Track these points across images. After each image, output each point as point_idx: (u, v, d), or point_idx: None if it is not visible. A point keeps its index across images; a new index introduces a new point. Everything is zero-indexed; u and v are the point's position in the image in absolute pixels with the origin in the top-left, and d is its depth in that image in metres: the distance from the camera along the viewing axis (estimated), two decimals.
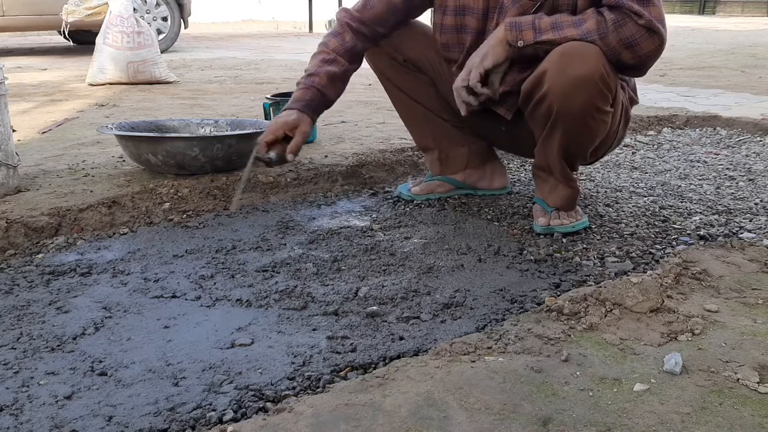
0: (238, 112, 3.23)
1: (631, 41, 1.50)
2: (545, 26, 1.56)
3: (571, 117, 1.57)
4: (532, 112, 1.65)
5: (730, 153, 2.66)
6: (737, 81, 4.54)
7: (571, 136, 1.63)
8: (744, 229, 1.75)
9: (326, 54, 1.84)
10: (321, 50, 1.86)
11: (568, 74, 1.51)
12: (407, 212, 1.95)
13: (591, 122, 1.60)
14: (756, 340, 1.15)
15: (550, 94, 1.55)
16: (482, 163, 2.07)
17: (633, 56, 1.53)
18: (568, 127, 1.60)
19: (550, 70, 1.54)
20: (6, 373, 1.11)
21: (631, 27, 1.49)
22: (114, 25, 4.29)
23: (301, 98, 1.78)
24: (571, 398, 0.98)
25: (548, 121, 1.61)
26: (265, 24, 12.81)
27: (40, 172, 2.17)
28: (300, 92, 1.80)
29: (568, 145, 1.65)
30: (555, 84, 1.53)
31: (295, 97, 1.79)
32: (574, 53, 1.52)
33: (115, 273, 1.54)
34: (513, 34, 1.57)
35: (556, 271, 1.52)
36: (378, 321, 1.29)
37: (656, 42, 1.51)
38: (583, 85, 1.52)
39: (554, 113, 1.58)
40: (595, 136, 1.65)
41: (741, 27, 10.85)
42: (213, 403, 1.02)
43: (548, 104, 1.57)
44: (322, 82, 1.80)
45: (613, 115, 1.66)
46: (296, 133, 1.73)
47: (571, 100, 1.54)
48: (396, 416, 0.93)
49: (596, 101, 1.56)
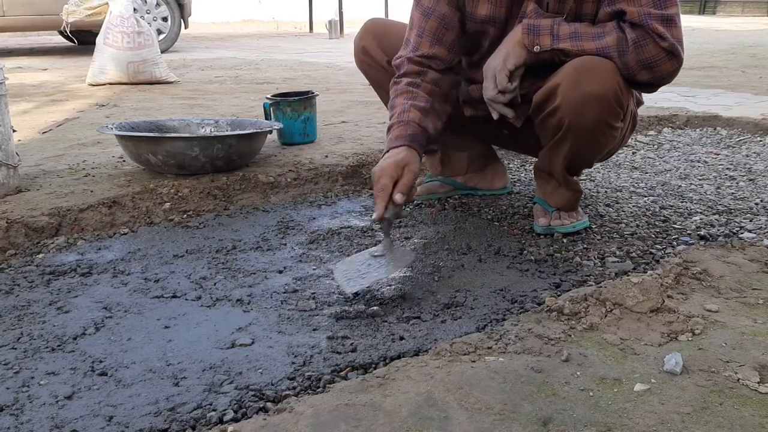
0: (238, 112, 3.23)
1: (651, 63, 1.48)
2: (564, 34, 1.51)
3: (581, 132, 1.56)
4: (542, 122, 1.63)
5: (730, 153, 2.66)
6: (737, 81, 4.53)
7: (580, 148, 1.62)
8: (744, 229, 1.75)
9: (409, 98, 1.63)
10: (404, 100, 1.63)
11: (581, 90, 1.49)
12: (407, 212, 1.95)
13: (601, 137, 1.59)
14: (756, 340, 1.15)
15: (562, 108, 1.53)
16: (483, 167, 2.07)
17: (651, 77, 1.51)
18: (577, 140, 1.59)
19: (563, 84, 1.51)
20: (6, 373, 1.11)
21: (652, 48, 1.46)
22: (114, 26, 4.29)
23: (403, 134, 1.55)
24: (571, 398, 0.98)
25: (558, 133, 1.59)
26: (266, 24, 12.81)
27: (40, 172, 2.17)
28: (399, 129, 1.57)
29: (574, 156, 1.65)
30: (568, 99, 1.51)
31: (396, 136, 1.56)
32: (589, 69, 1.49)
33: (116, 273, 1.54)
34: (530, 39, 1.53)
35: (556, 271, 1.52)
36: (378, 321, 1.29)
37: (675, 65, 1.49)
38: (596, 101, 1.50)
39: (565, 127, 1.56)
40: (604, 148, 1.66)
41: (741, 27, 10.85)
42: (213, 403, 1.02)
43: (559, 117, 1.55)
44: (416, 117, 1.58)
45: (622, 126, 1.65)
46: (405, 172, 1.47)
47: (583, 115, 1.52)
48: (396, 416, 0.93)
49: (608, 118, 1.55)
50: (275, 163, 2.26)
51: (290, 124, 2.52)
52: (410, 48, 1.66)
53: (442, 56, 1.65)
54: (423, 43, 1.64)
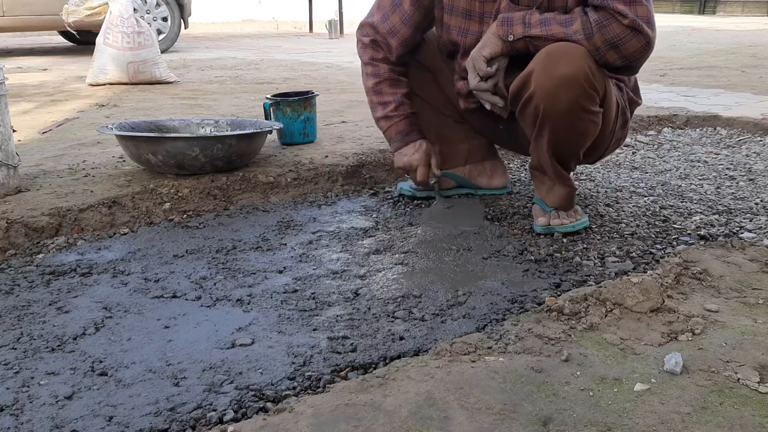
0: (238, 112, 3.23)
1: (616, 41, 1.51)
2: (534, 22, 1.58)
3: (557, 117, 1.58)
4: (521, 112, 1.66)
5: (730, 153, 2.66)
6: (737, 81, 4.53)
7: (560, 135, 1.63)
8: (744, 228, 1.75)
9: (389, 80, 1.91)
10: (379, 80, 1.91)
11: (553, 74, 1.52)
12: (408, 212, 1.96)
13: (578, 122, 1.60)
14: (756, 339, 1.15)
15: (537, 94, 1.56)
16: (482, 159, 2.08)
17: (618, 56, 1.53)
18: (555, 127, 1.60)
19: (536, 70, 1.55)
20: (6, 373, 1.11)
21: (615, 27, 1.50)
22: (114, 26, 4.29)
23: (410, 128, 1.91)
24: (571, 398, 0.98)
25: (536, 120, 1.62)
26: (265, 24, 12.81)
27: (40, 172, 2.17)
28: (405, 123, 1.91)
29: (557, 145, 1.66)
30: (540, 84, 1.54)
31: (406, 130, 1.90)
32: (559, 53, 1.53)
33: (116, 273, 1.54)
34: (504, 29, 1.60)
35: (556, 271, 1.52)
36: (378, 321, 1.29)
37: (642, 41, 1.51)
38: (567, 85, 1.52)
39: (541, 113, 1.59)
40: (585, 136, 1.66)
41: (741, 27, 10.85)
42: (213, 403, 1.02)
43: (535, 104, 1.58)
44: (409, 107, 1.92)
45: (606, 115, 1.65)
46: (434, 155, 1.91)
47: (556, 100, 1.55)
48: (396, 416, 0.93)
49: (582, 101, 1.56)
50: (275, 163, 2.26)
51: (290, 124, 2.52)
52: (382, 26, 1.84)
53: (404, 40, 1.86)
54: (391, 29, 1.84)
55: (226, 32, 11.29)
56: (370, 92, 1.92)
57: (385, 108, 1.90)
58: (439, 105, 2.01)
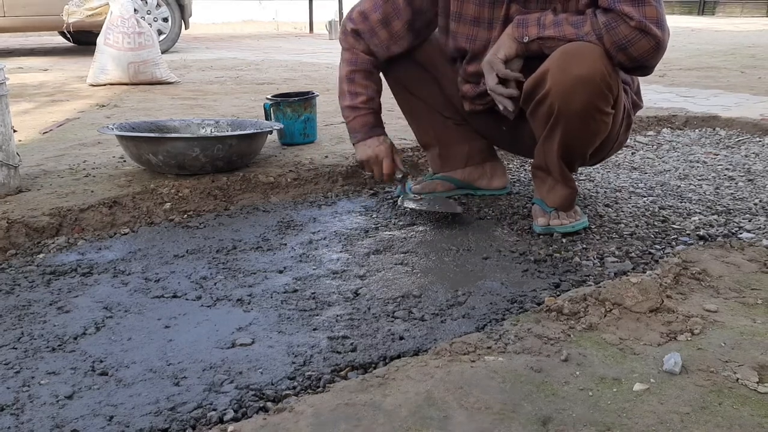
0: (239, 113, 3.24)
1: (624, 43, 1.50)
2: (548, 23, 1.58)
3: (571, 117, 1.57)
4: (533, 111, 1.65)
5: (729, 153, 2.67)
6: (737, 81, 4.54)
7: (572, 136, 1.63)
8: (743, 229, 1.75)
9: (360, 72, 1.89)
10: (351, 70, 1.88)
11: (569, 73, 1.51)
12: (407, 212, 1.96)
13: (591, 123, 1.60)
14: (755, 340, 1.15)
15: (552, 93, 1.55)
16: (482, 161, 2.08)
17: (628, 58, 1.52)
18: (568, 127, 1.60)
19: (551, 69, 1.54)
20: (7, 373, 1.11)
21: (623, 29, 1.49)
22: (115, 26, 4.30)
23: (377, 123, 1.90)
24: (570, 398, 0.98)
25: (549, 120, 1.61)
26: (266, 24, 12.82)
27: (41, 172, 2.17)
28: (372, 117, 1.89)
29: (567, 146, 1.65)
30: (556, 83, 1.53)
31: (372, 123, 1.88)
32: (575, 53, 1.52)
33: (116, 273, 1.54)
34: (519, 31, 1.60)
35: (555, 271, 1.52)
36: (378, 321, 1.29)
37: (651, 43, 1.49)
38: (584, 84, 1.52)
39: (555, 113, 1.58)
40: (596, 136, 1.65)
41: (740, 27, 10.86)
42: (213, 403, 1.02)
43: (549, 103, 1.57)
44: (378, 104, 1.91)
45: (615, 116, 1.65)
46: (394, 153, 1.90)
47: (572, 99, 1.54)
48: (396, 416, 0.93)
49: (597, 101, 1.56)
50: (275, 163, 2.26)
51: (290, 124, 2.53)
52: (373, 15, 1.82)
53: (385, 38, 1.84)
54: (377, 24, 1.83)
55: (227, 33, 11.30)
56: (343, 80, 1.88)
57: (354, 98, 1.86)
58: (439, 107, 2.01)
